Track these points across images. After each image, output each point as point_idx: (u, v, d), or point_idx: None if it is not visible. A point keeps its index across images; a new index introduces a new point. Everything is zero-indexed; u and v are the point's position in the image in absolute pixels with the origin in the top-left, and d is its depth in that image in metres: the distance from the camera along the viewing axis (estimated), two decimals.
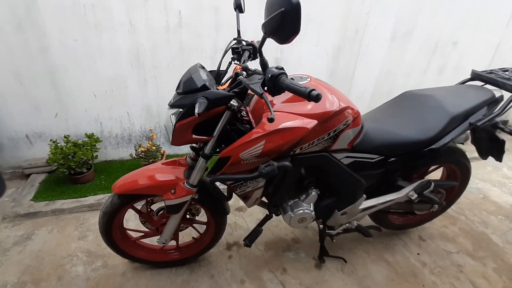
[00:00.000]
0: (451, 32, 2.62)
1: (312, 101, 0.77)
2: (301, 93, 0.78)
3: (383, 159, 1.30)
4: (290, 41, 0.79)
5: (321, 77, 2.50)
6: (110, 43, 1.95)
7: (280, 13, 0.72)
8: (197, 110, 0.88)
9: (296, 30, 0.75)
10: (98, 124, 2.24)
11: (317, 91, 0.76)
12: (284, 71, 0.85)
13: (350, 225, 1.51)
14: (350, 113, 1.15)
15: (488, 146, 1.56)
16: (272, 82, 0.84)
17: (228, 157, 1.04)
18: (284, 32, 0.76)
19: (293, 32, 0.76)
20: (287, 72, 0.87)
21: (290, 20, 0.73)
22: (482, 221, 2.12)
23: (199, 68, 1.08)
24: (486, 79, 1.43)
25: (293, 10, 0.71)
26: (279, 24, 0.75)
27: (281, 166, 1.01)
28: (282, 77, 0.83)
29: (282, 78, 0.83)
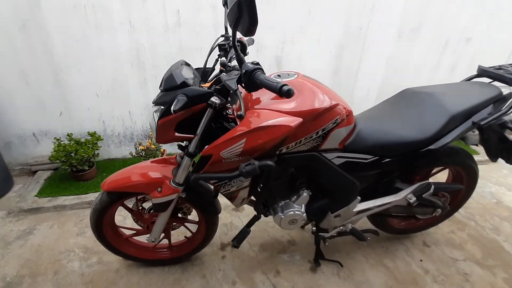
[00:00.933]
0: (464, 27, 2.49)
1: (284, 96, 0.73)
2: (272, 88, 0.75)
3: (377, 159, 1.24)
4: (253, 33, 0.76)
5: (324, 75, 2.47)
6: (110, 43, 1.99)
7: (237, 4, 0.70)
8: (173, 107, 0.87)
9: (254, 20, 0.73)
10: (101, 123, 2.29)
11: (288, 86, 0.73)
12: (259, 67, 0.82)
13: (344, 228, 1.45)
14: (340, 111, 1.10)
15: (497, 147, 1.46)
16: (247, 78, 0.81)
17: (209, 155, 1.02)
18: (244, 23, 0.73)
19: (253, 23, 0.73)
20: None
21: (247, 11, 0.70)
22: (494, 228, 1.99)
23: (183, 66, 1.07)
24: (493, 75, 1.34)
25: (248, 0, 0.68)
26: (238, 15, 0.72)
27: (263, 165, 0.98)
28: (256, 72, 0.81)
29: (256, 74, 0.80)
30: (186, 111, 0.98)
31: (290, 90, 0.73)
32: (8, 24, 1.82)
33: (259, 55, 2.25)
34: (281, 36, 2.21)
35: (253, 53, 2.23)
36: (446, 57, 2.60)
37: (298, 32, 2.22)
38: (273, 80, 0.76)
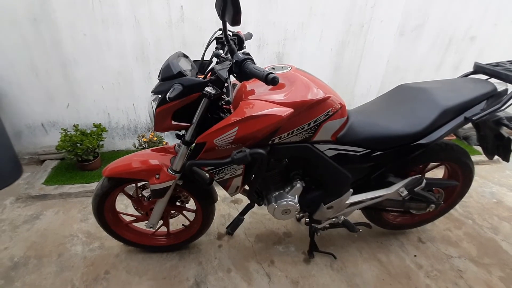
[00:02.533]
0: (468, 26, 2.47)
1: (270, 84, 0.77)
2: (259, 76, 0.79)
3: (368, 152, 1.26)
4: (238, 22, 0.79)
5: (325, 72, 2.49)
6: (116, 37, 2.05)
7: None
8: (168, 95, 0.92)
9: (237, 9, 0.76)
10: (106, 115, 2.36)
11: (274, 74, 0.77)
12: (249, 57, 0.86)
13: (337, 220, 1.48)
14: (332, 103, 1.13)
15: (494, 144, 1.46)
16: (237, 67, 0.85)
17: (204, 143, 1.07)
18: (229, 12, 0.77)
19: (236, 12, 0.76)
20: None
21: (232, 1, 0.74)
22: (492, 227, 1.99)
23: (180, 57, 1.12)
24: (489, 71, 1.35)
25: None
26: (223, 5, 0.76)
27: (254, 153, 1.02)
28: (246, 62, 0.85)
29: (246, 63, 0.84)
30: (182, 100, 1.02)
31: (275, 78, 0.76)
32: (21, 19, 1.91)
33: (261, 51, 2.29)
34: (282, 32, 2.24)
35: (255, 49, 2.27)
36: (449, 55, 2.59)
37: (300, 29, 2.24)
38: (260, 69, 0.80)
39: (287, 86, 1.10)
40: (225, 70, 0.89)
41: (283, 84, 1.11)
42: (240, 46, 1.31)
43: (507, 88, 1.31)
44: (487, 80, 1.34)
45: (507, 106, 1.25)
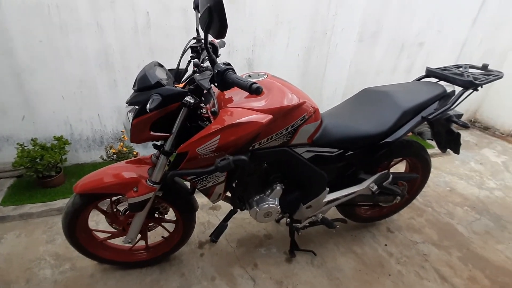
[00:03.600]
0: (417, 33, 2.75)
1: (253, 94, 0.80)
2: (243, 86, 0.81)
3: (342, 152, 1.35)
4: (223, 36, 0.81)
5: (293, 77, 2.59)
6: (77, 44, 1.93)
7: (207, 9, 0.75)
8: (149, 106, 0.90)
9: (224, 24, 0.78)
10: (67, 127, 2.20)
11: (257, 84, 0.80)
12: (231, 67, 0.88)
13: (315, 218, 1.55)
14: (307, 108, 1.19)
15: (445, 139, 1.64)
16: (219, 77, 0.87)
17: (185, 152, 1.06)
18: (215, 27, 0.79)
19: (223, 27, 0.78)
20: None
21: (217, 16, 0.76)
22: (448, 212, 2.22)
23: (156, 66, 1.10)
24: (438, 75, 1.52)
25: (217, 5, 0.74)
26: (209, 20, 0.78)
27: (237, 160, 1.04)
28: (228, 72, 0.87)
29: (228, 74, 0.86)
30: (161, 110, 1.01)
31: (259, 88, 0.79)
32: None
33: (231, 57, 2.31)
34: (251, 39, 2.29)
35: (225, 55, 2.28)
36: (402, 59, 2.85)
37: (268, 36, 2.31)
38: (244, 79, 0.82)
39: (264, 93, 1.13)
40: (207, 80, 0.90)
41: None
42: (215, 54, 1.32)
43: (454, 89, 1.49)
44: (437, 83, 1.51)
45: (456, 105, 1.42)
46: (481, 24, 2.95)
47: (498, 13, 2.95)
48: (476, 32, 2.98)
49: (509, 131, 3.46)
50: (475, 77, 1.41)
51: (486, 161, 2.98)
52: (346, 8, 2.30)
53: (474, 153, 3.14)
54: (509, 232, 2.04)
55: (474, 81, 1.36)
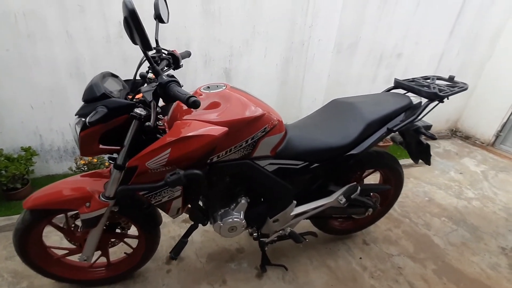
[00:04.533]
0: (394, 44, 2.78)
1: (191, 107, 0.77)
2: (181, 99, 0.78)
3: (307, 165, 1.32)
4: (148, 47, 0.80)
5: (271, 86, 2.58)
6: (46, 53, 1.89)
7: (124, 19, 0.73)
8: (88, 119, 0.86)
9: (143, 35, 0.76)
10: (37, 137, 2.14)
11: (195, 98, 0.77)
12: (174, 79, 0.86)
13: (283, 232, 1.51)
14: (268, 120, 1.16)
15: (416, 150, 1.64)
16: (161, 90, 0.84)
17: (135, 166, 1.02)
18: (137, 38, 0.77)
19: (143, 37, 0.76)
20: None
21: (134, 26, 0.74)
22: (426, 223, 2.20)
23: (107, 77, 1.07)
24: (405, 87, 1.52)
25: (131, 16, 0.72)
26: (129, 30, 0.75)
27: (189, 174, 1.00)
28: (171, 84, 0.84)
29: (170, 86, 0.83)
30: (109, 123, 0.97)
31: (196, 101, 0.76)
32: None
33: (208, 67, 2.29)
34: (228, 49, 2.28)
35: (201, 65, 2.27)
36: (381, 70, 2.88)
37: (245, 46, 2.31)
38: (183, 92, 0.79)
39: (222, 105, 1.11)
40: (150, 93, 0.87)
41: (218, 103, 1.11)
42: (176, 65, 1.30)
43: (421, 101, 1.48)
44: (404, 95, 1.51)
45: (421, 117, 1.41)
46: (458, 36, 3.02)
47: (474, 26, 3.02)
48: (453, 44, 3.04)
49: (489, 141, 3.51)
50: (440, 89, 1.41)
51: (466, 171, 3.00)
52: (322, 20, 2.32)
53: (455, 163, 3.16)
54: (485, 243, 2.03)
55: (438, 93, 1.36)
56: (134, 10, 0.71)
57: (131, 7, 0.71)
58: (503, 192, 2.66)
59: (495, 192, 2.65)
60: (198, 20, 2.10)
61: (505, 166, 3.12)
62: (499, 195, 2.60)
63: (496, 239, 2.08)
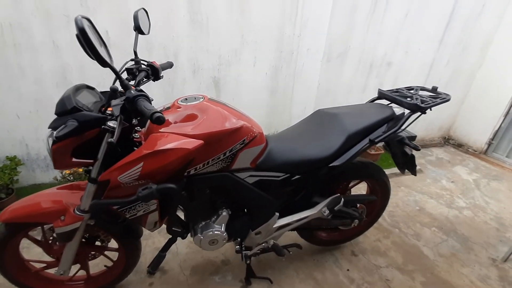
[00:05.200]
0: (384, 53, 2.80)
1: (155, 123, 0.76)
2: (146, 115, 0.77)
3: (288, 176, 1.31)
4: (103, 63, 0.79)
5: (261, 95, 2.58)
6: (31, 62, 1.89)
7: (76, 36, 0.72)
8: (56, 134, 0.85)
9: (94, 52, 0.76)
10: (23, 146, 2.12)
11: (159, 114, 0.76)
12: (142, 94, 0.85)
13: (267, 245, 1.48)
14: (247, 132, 1.15)
15: (402, 160, 1.62)
16: (129, 104, 0.83)
17: (107, 180, 1.00)
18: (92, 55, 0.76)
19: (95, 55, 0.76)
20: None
21: (86, 44, 0.73)
22: (415, 234, 2.17)
23: (82, 89, 1.06)
24: (388, 97, 1.51)
25: (82, 34, 0.72)
26: (83, 47, 0.74)
27: (162, 188, 0.98)
28: (138, 99, 0.83)
29: (138, 100, 0.82)
30: (81, 136, 0.96)
31: (160, 117, 0.76)
32: None
33: (196, 76, 2.30)
34: (216, 58, 2.29)
35: (190, 74, 2.27)
36: (371, 79, 2.89)
37: (234, 55, 2.31)
38: (149, 107, 0.79)
39: (199, 117, 1.10)
40: (118, 107, 0.86)
41: (195, 116, 1.11)
42: (156, 76, 1.29)
43: (404, 112, 1.48)
44: (387, 105, 1.51)
45: (404, 128, 1.41)
46: (447, 45, 3.04)
47: (463, 35, 3.05)
48: (443, 53, 3.07)
49: (481, 149, 3.50)
50: (423, 100, 1.41)
51: (457, 179, 2.99)
52: (310, 29, 2.33)
53: (447, 171, 3.15)
54: (475, 254, 2.00)
55: (420, 104, 1.35)
56: (84, 29, 0.71)
57: (80, 25, 0.71)
58: (494, 201, 2.64)
59: (487, 201, 2.64)
60: (186, 29, 2.11)
61: (497, 175, 3.11)
62: (491, 204, 2.59)
63: (487, 250, 2.06)
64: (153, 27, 2.00)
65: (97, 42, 0.80)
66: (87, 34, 0.71)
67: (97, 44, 0.79)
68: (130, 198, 0.98)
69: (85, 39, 0.72)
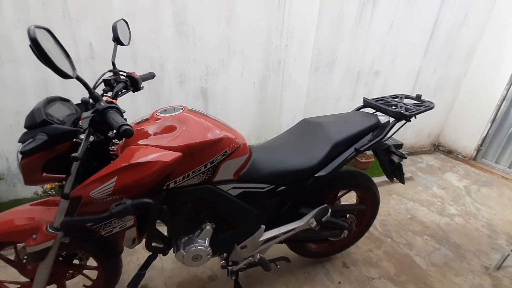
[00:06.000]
0: (371, 62, 2.83)
1: (123, 136, 0.73)
2: (114, 128, 0.74)
3: (273, 188, 1.27)
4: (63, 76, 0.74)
5: (250, 104, 2.56)
6: (13, 74, 1.85)
7: (30, 47, 0.69)
8: (21, 148, 0.81)
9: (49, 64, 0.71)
10: (3, 160, 2.05)
11: (126, 127, 0.73)
12: (112, 105, 0.81)
13: (253, 259, 1.43)
14: (229, 143, 1.12)
15: (389, 168, 1.61)
16: (99, 117, 0.80)
17: (80, 196, 0.95)
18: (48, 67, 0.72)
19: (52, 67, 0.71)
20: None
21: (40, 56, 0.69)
22: (407, 243, 2.14)
23: (56, 102, 1.02)
24: (373, 106, 1.51)
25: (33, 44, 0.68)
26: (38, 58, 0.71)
27: (137, 203, 0.94)
28: (108, 111, 0.80)
29: (108, 113, 0.79)
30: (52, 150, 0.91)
31: (127, 130, 0.72)
32: None
33: (183, 86, 2.28)
34: (204, 68, 2.27)
35: (176, 84, 2.25)
36: (360, 87, 2.91)
37: (221, 65, 2.31)
38: (118, 120, 0.75)
39: (177, 129, 1.06)
40: (88, 120, 0.82)
41: (174, 127, 1.07)
42: (136, 87, 1.26)
43: (389, 120, 1.47)
44: (372, 114, 1.50)
45: (389, 136, 1.39)
46: (433, 54, 3.10)
47: (447, 44, 3.12)
48: (429, 62, 3.12)
49: (471, 155, 3.53)
50: (407, 108, 1.40)
51: (448, 186, 2.99)
52: (296, 40, 2.35)
53: (437, 178, 3.15)
54: (468, 263, 1.98)
55: (404, 113, 1.35)
56: (36, 39, 0.67)
57: (33, 35, 0.67)
58: (485, 207, 2.64)
59: (478, 207, 2.63)
60: (172, 40, 2.10)
61: (487, 181, 3.13)
62: (482, 211, 2.58)
63: (479, 257, 2.03)
64: (138, 38, 2.01)
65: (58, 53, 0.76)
66: (40, 45, 0.67)
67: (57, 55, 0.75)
68: (103, 215, 0.93)
69: (39, 50, 0.68)
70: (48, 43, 0.72)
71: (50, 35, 0.76)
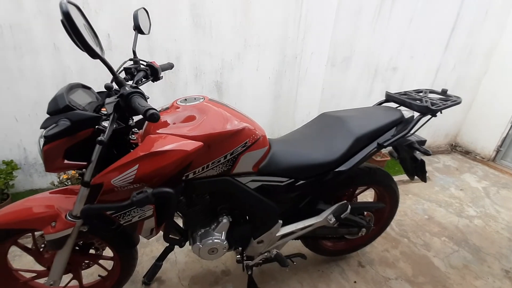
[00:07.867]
0: (389, 58, 2.76)
1: (149, 121, 0.71)
2: (140, 112, 0.72)
3: (292, 182, 1.24)
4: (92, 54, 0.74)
5: (265, 100, 2.53)
6: (32, 65, 1.87)
7: (61, 22, 0.67)
8: (45, 133, 0.80)
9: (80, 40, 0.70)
10: (21, 150, 2.08)
11: (153, 111, 0.70)
12: (137, 91, 0.80)
13: (269, 254, 1.40)
14: (249, 134, 1.10)
15: (411, 166, 1.55)
16: (123, 101, 0.78)
17: (100, 184, 0.94)
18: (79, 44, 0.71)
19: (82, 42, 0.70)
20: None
21: (72, 31, 0.67)
22: (425, 244, 2.08)
23: (78, 88, 1.01)
24: (397, 100, 1.46)
25: (67, 20, 0.66)
26: (69, 34, 0.69)
27: (158, 192, 0.92)
28: (133, 96, 0.78)
29: (132, 98, 0.77)
30: (73, 137, 0.90)
31: (154, 114, 0.70)
32: None
33: (198, 80, 2.26)
34: (219, 62, 2.25)
35: (192, 78, 2.23)
36: (377, 83, 2.84)
37: (236, 59, 2.28)
38: (143, 104, 0.73)
39: (198, 118, 1.04)
40: (112, 105, 0.81)
41: (194, 117, 1.05)
42: (155, 76, 1.25)
43: (414, 115, 1.42)
44: (396, 108, 1.45)
45: (413, 131, 1.34)
46: (453, 51, 2.99)
47: (468, 41, 3.01)
48: (448, 58, 3.02)
49: (489, 156, 3.41)
50: (433, 103, 1.34)
51: (466, 187, 2.89)
52: (314, 34, 2.30)
53: (455, 178, 3.05)
54: (488, 266, 1.90)
55: (430, 107, 1.29)
56: (68, 13, 0.65)
57: (65, 9, 0.65)
58: (505, 210, 2.54)
59: (498, 210, 2.54)
60: (188, 32, 2.08)
61: (506, 183, 3.01)
62: (502, 213, 2.48)
63: (500, 261, 1.95)
64: (154, 30, 1.99)
65: (86, 31, 0.75)
66: (73, 20, 0.66)
67: (86, 32, 0.73)
68: (124, 202, 0.92)
69: (70, 25, 0.66)
70: (79, 20, 0.71)
71: (79, 13, 0.75)
